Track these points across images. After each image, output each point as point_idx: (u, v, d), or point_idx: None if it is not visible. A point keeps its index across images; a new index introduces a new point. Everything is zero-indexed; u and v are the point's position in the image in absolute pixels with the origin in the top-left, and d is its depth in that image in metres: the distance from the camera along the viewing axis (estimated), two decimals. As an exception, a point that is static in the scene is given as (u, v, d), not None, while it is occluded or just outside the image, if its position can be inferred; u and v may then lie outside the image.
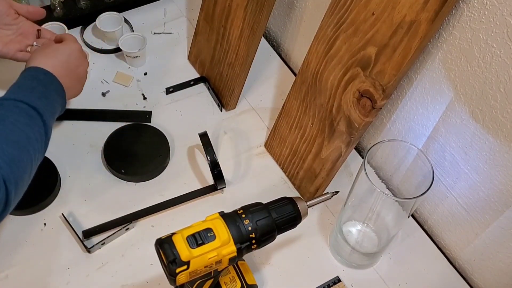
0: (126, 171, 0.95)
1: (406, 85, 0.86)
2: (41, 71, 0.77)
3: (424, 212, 0.94)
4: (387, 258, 0.90)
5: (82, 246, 0.86)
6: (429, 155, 0.85)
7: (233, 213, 0.69)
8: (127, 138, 0.99)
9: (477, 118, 0.75)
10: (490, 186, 0.78)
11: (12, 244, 0.86)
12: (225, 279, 0.80)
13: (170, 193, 0.94)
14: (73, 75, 0.83)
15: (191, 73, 1.13)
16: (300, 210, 0.71)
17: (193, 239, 0.64)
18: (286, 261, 0.88)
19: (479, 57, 0.71)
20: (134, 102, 1.07)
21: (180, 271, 0.63)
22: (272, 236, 0.70)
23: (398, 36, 0.72)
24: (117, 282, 0.84)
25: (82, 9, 1.16)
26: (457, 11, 0.71)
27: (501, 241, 0.81)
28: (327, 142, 0.88)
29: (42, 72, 0.77)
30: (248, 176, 0.98)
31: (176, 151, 1.00)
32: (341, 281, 0.87)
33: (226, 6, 0.98)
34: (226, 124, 1.06)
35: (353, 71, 0.80)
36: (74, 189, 0.93)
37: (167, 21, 1.22)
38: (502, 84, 0.69)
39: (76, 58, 0.84)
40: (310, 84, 0.88)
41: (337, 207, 0.91)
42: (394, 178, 0.92)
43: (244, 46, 0.97)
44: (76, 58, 0.84)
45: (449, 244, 0.92)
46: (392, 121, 0.93)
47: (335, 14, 0.80)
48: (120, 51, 1.11)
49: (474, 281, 0.90)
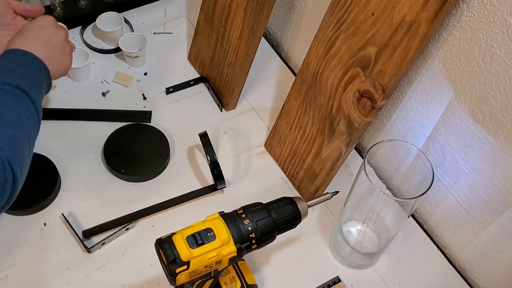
0: (126, 171, 0.95)
1: (406, 85, 0.86)
2: (19, 52, 0.75)
3: (424, 212, 0.94)
4: (387, 258, 0.90)
5: (82, 246, 0.86)
6: (429, 155, 0.85)
7: (233, 213, 0.69)
8: (127, 138, 0.99)
9: (477, 118, 0.75)
10: (490, 186, 0.78)
11: (12, 244, 0.86)
12: (225, 279, 0.80)
13: (170, 193, 0.94)
14: (50, 47, 0.81)
15: (191, 73, 1.13)
16: (300, 210, 0.71)
17: (193, 239, 0.64)
18: (286, 261, 0.88)
19: (479, 57, 0.71)
20: (134, 102, 1.07)
21: (180, 271, 0.63)
22: (272, 236, 0.70)
23: (398, 36, 0.72)
24: (117, 282, 0.84)
25: (82, 9, 1.16)
26: (457, 11, 0.71)
27: (501, 241, 0.81)
28: (327, 142, 0.88)
29: (20, 52, 0.75)
30: (248, 176, 0.98)
31: (176, 151, 1.00)
32: (341, 281, 0.87)
33: (226, 6, 0.98)
34: (226, 124, 1.06)
35: (353, 71, 0.80)
36: (74, 189, 0.93)
37: (167, 21, 1.22)
38: (502, 84, 0.69)
39: (49, 29, 0.82)
40: (310, 84, 0.88)
41: (337, 207, 0.91)
42: (394, 178, 0.92)
43: (244, 46, 0.97)
44: (49, 29, 0.82)
45: (449, 244, 0.92)
46: (392, 121, 0.93)
47: (335, 14, 0.80)
48: (120, 51, 1.11)
49: (474, 281, 0.90)
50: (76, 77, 1.08)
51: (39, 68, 0.76)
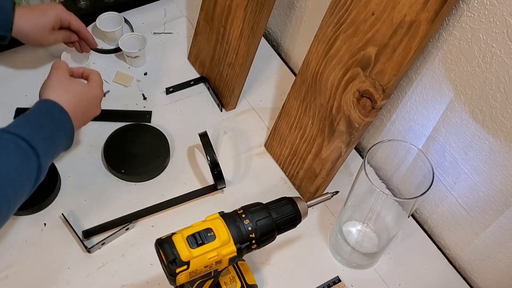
0: (126, 171, 0.95)
1: (406, 85, 0.86)
2: (57, 108, 0.75)
3: (424, 212, 0.94)
4: (387, 258, 0.90)
5: (82, 246, 0.86)
6: (429, 155, 0.85)
7: (233, 213, 0.69)
8: (127, 138, 0.99)
9: (477, 118, 0.75)
10: (490, 186, 0.78)
11: (12, 244, 0.86)
12: (225, 279, 0.80)
13: (170, 193, 0.94)
14: (85, 118, 0.83)
15: (191, 73, 1.13)
16: (300, 210, 0.71)
17: (193, 239, 0.64)
18: (286, 261, 0.88)
19: (479, 57, 0.71)
20: (134, 102, 1.07)
21: (180, 271, 0.63)
22: (272, 236, 0.70)
23: (398, 36, 0.72)
24: (117, 282, 0.84)
25: (82, 9, 1.16)
26: (457, 11, 0.71)
27: (501, 241, 0.81)
28: (327, 142, 0.88)
29: (58, 108, 0.75)
30: (248, 176, 0.98)
31: (176, 151, 1.00)
32: (341, 281, 0.87)
33: (226, 6, 0.98)
34: (226, 124, 1.06)
35: (353, 71, 0.80)
36: (74, 189, 0.93)
37: (167, 21, 1.22)
38: (502, 84, 0.69)
39: (94, 105, 0.83)
40: (310, 84, 0.88)
41: (337, 207, 0.91)
42: (394, 178, 0.92)
43: (244, 46, 0.97)
44: (94, 105, 0.83)
45: (449, 244, 0.92)
46: (392, 121, 0.93)
47: (335, 14, 0.80)
48: (120, 51, 1.11)
49: (474, 281, 0.90)
50: (76, 77, 1.08)
51: (67, 132, 0.76)
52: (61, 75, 0.81)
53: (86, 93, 0.81)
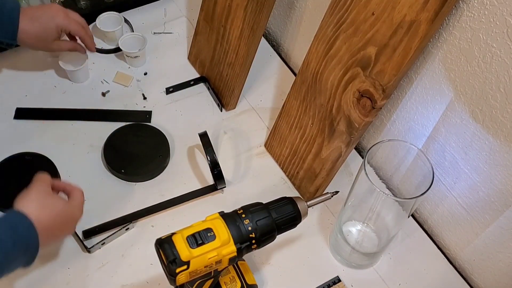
0: (126, 171, 0.95)
1: (406, 85, 0.86)
2: (24, 223, 0.69)
3: (424, 212, 0.94)
4: (387, 258, 0.90)
5: (82, 246, 0.86)
6: (429, 155, 0.85)
7: (233, 213, 0.69)
8: (127, 138, 0.99)
9: (477, 118, 0.75)
10: (490, 186, 0.78)
11: (12, 244, 0.86)
12: (225, 279, 0.80)
13: (170, 193, 0.94)
14: (56, 237, 0.78)
15: (191, 73, 1.13)
16: (300, 210, 0.71)
17: (193, 239, 0.64)
18: (286, 261, 0.88)
19: (479, 57, 0.71)
20: (134, 102, 1.07)
21: (180, 271, 0.63)
22: (272, 236, 0.70)
23: (398, 36, 0.72)
24: (117, 282, 0.84)
25: (82, 9, 1.16)
26: (457, 11, 0.71)
27: (501, 241, 0.81)
28: (327, 142, 0.88)
29: (25, 224, 0.69)
30: (248, 176, 0.98)
31: (176, 151, 1.00)
32: (341, 281, 0.87)
33: (226, 6, 0.98)
34: (226, 124, 1.06)
35: (353, 71, 0.80)
36: (74, 189, 0.93)
37: (167, 21, 1.22)
38: (502, 84, 0.69)
39: (69, 225, 0.78)
40: (310, 84, 0.88)
41: (337, 207, 0.91)
42: (394, 178, 0.92)
43: (244, 46, 0.97)
44: (69, 226, 0.78)
45: (449, 244, 0.92)
46: (392, 121, 0.93)
47: (335, 14, 0.80)
48: (120, 51, 1.11)
49: (474, 281, 0.90)
50: (74, 79, 1.08)
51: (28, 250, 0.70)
52: (42, 187, 0.76)
53: (64, 212, 0.76)
